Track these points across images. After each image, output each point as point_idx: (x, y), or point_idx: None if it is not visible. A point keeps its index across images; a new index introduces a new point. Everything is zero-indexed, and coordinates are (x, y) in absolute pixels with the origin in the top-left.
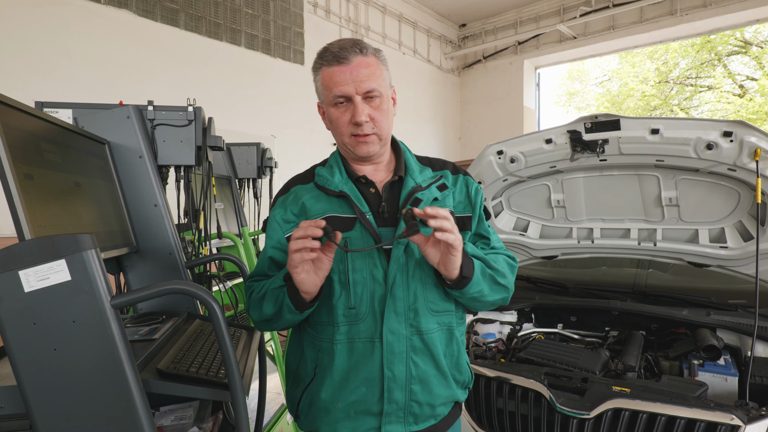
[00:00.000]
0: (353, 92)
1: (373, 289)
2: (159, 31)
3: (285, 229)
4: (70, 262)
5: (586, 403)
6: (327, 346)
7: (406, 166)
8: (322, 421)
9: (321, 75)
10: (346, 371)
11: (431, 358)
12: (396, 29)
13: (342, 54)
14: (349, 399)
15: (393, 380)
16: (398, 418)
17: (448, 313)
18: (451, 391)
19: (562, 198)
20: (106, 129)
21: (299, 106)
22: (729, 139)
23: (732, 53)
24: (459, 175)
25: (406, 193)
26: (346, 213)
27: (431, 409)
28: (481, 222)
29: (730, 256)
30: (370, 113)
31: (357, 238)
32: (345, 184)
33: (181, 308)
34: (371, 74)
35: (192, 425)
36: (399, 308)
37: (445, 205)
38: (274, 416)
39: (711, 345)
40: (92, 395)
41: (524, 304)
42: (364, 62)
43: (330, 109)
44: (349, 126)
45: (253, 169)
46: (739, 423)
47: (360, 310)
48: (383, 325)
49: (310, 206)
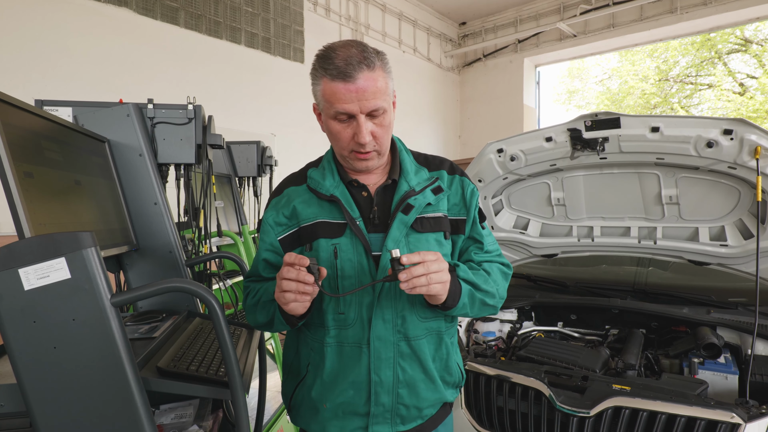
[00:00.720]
0: (357, 111)
1: (362, 297)
2: (159, 30)
3: (277, 231)
4: (70, 260)
5: (587, 402)
6: (318, 346)
7: (401, 168)
8: (312, 418)
9: (322, 86)
10: (335, 373)
11: (419, 364)
12: (396, 27)
13: (348, 71)
14: (337, 400)
15: (380, 384)
16: (385, 419)
17: (437, 319)
18: (438, 394)
19: (562, 196)
20: (106, 127)
21: (299, 105)
22: (729, 137)
23: (732, 51)
24: (455, 176)
25: (398, 198)
26: (336, 218)
27: (418, 411)
28: (475, 225)
29: (731, 254)
30: (372, 130)
31: (346, 245)
32: (336, 187)
33: (181, 306)
34: (377, 92)
35: (192, 423)
36: (386, 315)
37: (438, 209)
38: (274, 414)
39: (711, 343)
40: (92, 393)
41: (524, 302)
42: (370, 78)
43: (330, 121)
44: (350, 143)
45: (253, 167)
46: (740, 421)
47: (348, 316)
48: (371, 332)
49: (300, 210)
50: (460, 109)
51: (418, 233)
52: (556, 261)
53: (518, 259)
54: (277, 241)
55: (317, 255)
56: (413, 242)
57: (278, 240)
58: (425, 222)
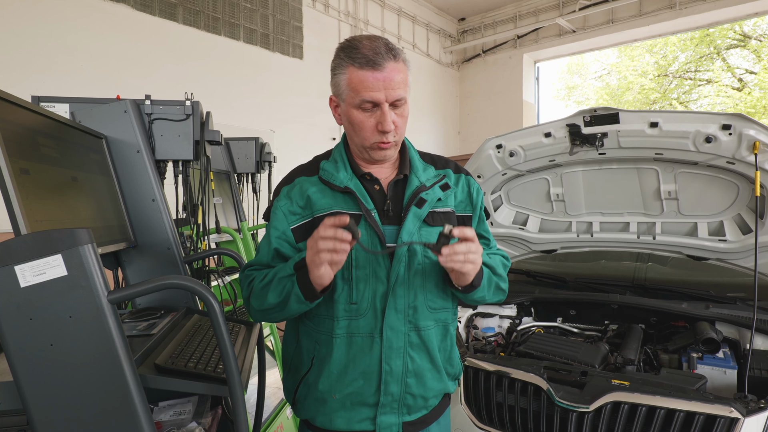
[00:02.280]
0: (383, 100)
1: (375, 286)
2: (157, 26)
3: (291, 221)
4: (67, 257)
5: (586, 397)
6: (325, 338)
7: (411, 164)
8: (318, 410)
9: (348, 75)
10: (344, 364)
11: (427, 353)
12: (395, 23)
13: (377, 60)
14: (345, 390)
15: (390, 374)
16: (392, 409)
17: (445, 310)
18: (443, 384)
19: (561, 192)
20: (104, 123)
21: (298, 101)
22: (728, 132)
23: (731, 47)
24: (461, 175)
25: (411, 192)
26: (350, 210)
27: (424, 401)
28: (481, 222)
29: (729, 249)
30: (394, 120)
31: (361, 236)
32: (350, 180)
33: (179, 303)
34: (402, 82)
35: (191, 420)
36: (399, 305)
37: (447, 205)
38: (273, 411)
39: (710, 338)
40: (89, 391)
41: (524, 297)
42: (396, 69)
43: (353, 110)
44: (374, 132)
45: (252, 163)
46: (738, 415)
47: (361, 305)
48: (384, 322)
49: (315, 200)
50: (460, 104)
51: (429, 227)
52: (555, 257)
53: (517, 254)
54: (290, 230)
55: None
56: (424, 235)
57: (292, 229)
58: (436, 216)
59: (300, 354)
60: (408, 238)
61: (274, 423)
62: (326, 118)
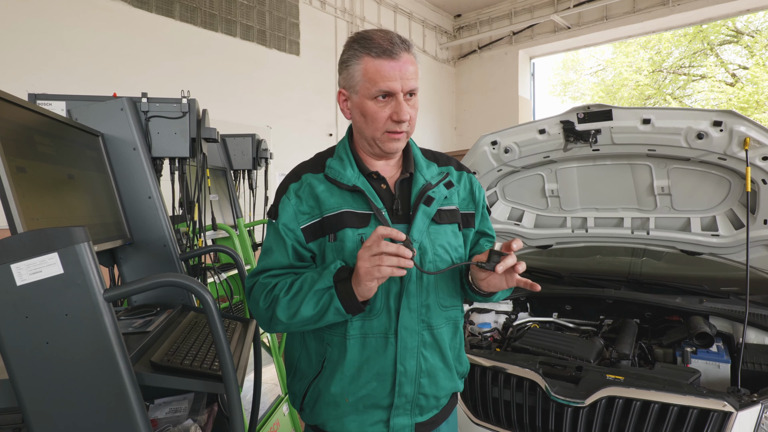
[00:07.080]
0: (399, 89)
1: (388, 286)
2: (154, 22)
3: (301, 220)
4: (63, 255)
5: (581, 392)
6: (338, 340)
7: (415, 162)
8: (329, 414)
9: (364, 65)
10: (358, 366)
11: (439, 352)
12: (391, 20)
13: (393, 49)
14: (359, 393)
15: (404, 375)
16: (405, 410)
17: (455, 308)
18: (453, 383)
19: (556, 188)
20: (100, 121)
21: (295, 97)
22: (719, 128)
23: (724, 42)
24: (463, 173)
25: (418, 190)
26: (360, 209)
27: (436, 401)
28: (484, 219)
29: (722, 244)
30: (408, 111)
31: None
32: (358, 178)
33: (175, 300)
34: (415, 73)
35: (187, 417)
36: (413, 305)
37: (452, 203)
38: (269, 408)
39: (704, 332)
40: (85, 389)
41: (519, 293)
42: (410, 60)
43: (367, 101)
44: (387, 122)
45: (249, 160)
46: (731, 409)
47: (375, 306)
48: (398, 322)
49: (324, 199)
50: (456, 100)
51: (437, 224)
52: (550, 252)
53: None
54: (300, 230)
55: (343, 245)
56: (433, 233)
57: (300, 229)
58: (443, 214)
59: (308, 357)
60: (419, 236)
61: (270, 420)
62: (322, 114)
